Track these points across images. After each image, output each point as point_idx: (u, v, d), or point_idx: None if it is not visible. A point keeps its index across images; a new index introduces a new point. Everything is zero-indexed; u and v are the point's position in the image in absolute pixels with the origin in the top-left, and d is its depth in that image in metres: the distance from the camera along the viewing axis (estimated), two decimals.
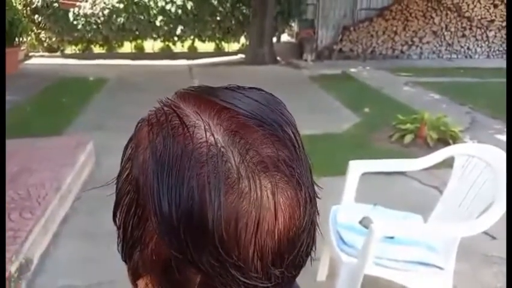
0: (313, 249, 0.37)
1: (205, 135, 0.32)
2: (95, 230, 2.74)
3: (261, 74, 8.44)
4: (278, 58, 10.44)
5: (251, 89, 0.38)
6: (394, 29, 10.74)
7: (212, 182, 0.31)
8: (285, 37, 12.56)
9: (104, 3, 10.83)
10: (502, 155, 1.72)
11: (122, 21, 11.02)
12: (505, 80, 8.00)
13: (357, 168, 2.07)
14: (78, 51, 11.47)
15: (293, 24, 11.91)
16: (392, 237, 1.74)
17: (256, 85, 0.39)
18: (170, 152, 0.32)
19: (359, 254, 1.64)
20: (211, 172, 0.31)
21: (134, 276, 0.37)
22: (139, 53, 11.62)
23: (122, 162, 0.38)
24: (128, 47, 11.84)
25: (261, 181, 0.32)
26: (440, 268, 1.67)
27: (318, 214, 0.37)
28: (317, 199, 0.37)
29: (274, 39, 11.07)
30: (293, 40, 11.97)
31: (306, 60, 10.06)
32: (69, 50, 11.53)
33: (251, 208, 0.32)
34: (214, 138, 0.33)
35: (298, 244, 0.35)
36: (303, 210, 0.34)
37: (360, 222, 1.82)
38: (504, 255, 2.55)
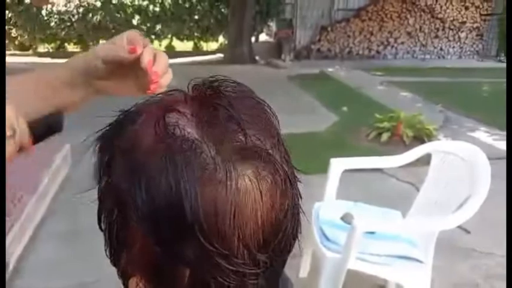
0: (299, 231, 0.38)
1: (177, 131, 0.33)
2: (74, 231, 2.69)
3: (240, 73, 8.43)
4: (257, 58, 10.47)
5: (233, 83, 0.38)
6: (370, 29, 10.94)
7: (187, 174, 0.31)
8: (263, 37, 12.61)
9: (79, 0, 10.60)
10: (477, 151, 1.79)
11: (97, 19, 10.81)
12: (476, 79, 8.28)
13: (338, 166, 2.11)
14: (51, 50, 11.19)
15: (271, 24, 11.97)
16: (373, 233, 1.78)
17: None
18: (145, 150, 0.33)
19: (342, 249, 1.67)
20: (185, 166, 0.32)
21: (124, 277, 0.37)
22: None
23: (98, 168, 0.38)
24: None
25: (238, 169, 0.32)
26: (420, 261, 1.72)
27: (301, 197, 0.38)
28: (299, 183, 0.38)
29: (253, 39, 11.10)
30: (271, 40, 12.02)
31: (284, 59, 10.12)
32: (42, 48, 11.23)
33: (230, 196, 0.32)
34: (186, 132, 0.33)
35: (282, 227, 0.35)
36: (283, 194, 0.35)
37: (342, 218, 1.86)
38: (479, 248, 2.65)
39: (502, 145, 4.61)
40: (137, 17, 11.05)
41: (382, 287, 2.23)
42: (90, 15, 10.77)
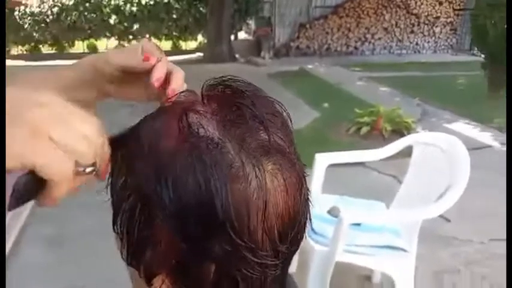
0: (309, 223, 0.40)
1: (201, 131, 0.34)
2: (58, 235, 2.66)
3: (221, 72, 8.25)
4: (236, 56, 10.46)
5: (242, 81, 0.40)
6: (348, 26, 11.08)
7: (216, 172, 0.33)
8: (242, 35, 12.61)
9: (53, 1, 10.36)
10: (456, 142, 1.85)
11: (72, 20, 10.60)
12: (451, 73, 8.49)
13: (322, 160, 2.15)
14: (25, 52, 10.91)
15: (250, 22, 11.98)
16: (359, 225, 1.83)
17: None
18: (169, 150, 0.34)
19: (330, 242, 1.71)
20: (213, 164, 0.33)
21: (149, 275, 0.37)
22: (93, 53, 11.21)
23: (114, 171, 0.39)
24: (79, 46, 11.41)
25: (263, 165, 0.34)
26: (405, 250, 1.78)
27: (309, 190, 0.40)
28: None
29: (232, 37, 11.09)
30: (250, 37, 12.03)
31: (264, 57, 10.15)
32: (15, 50, 10.94)
33: (257, 192, 0.34)
34: (209, 131, 0.34)
35: (298, 219, 0.37)
36: (299, 188, 0.37)
37: (329, 212, 1.90)
38: (459, 236, 2.74)
39: (478, 136, 4.77)
40: (114, 16, 10.87)
41: (368, 277, 2.29)
42: (65, 15, 10.54)
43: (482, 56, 6.45)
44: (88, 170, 0.34)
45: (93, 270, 2.32)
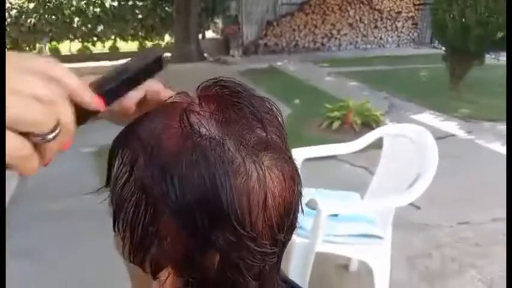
0: (302, 213, 0.43)
1: (203, 130, 0.36)
2: (33, 245, 2.59)
3: (190, 71, 8.37)
4: (205, 55, 10.41)
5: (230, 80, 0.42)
6: (314, 22, 11.25)
7: (220, 168, 0.35)
8: (209, 34, 12.55)
9: (10, 3, 9.96)
10: (425, 132, 1.95)
11: (32, 22, 10.22)
12: (414, 66, 8.77)
13: (298, 155, 2.20)
14: None
15: (217, 21, 11.93)
16: (336, 215, 1.89)
17: (187, 83, 0.43)
18: (173, 149, 0.36)
19: (310, 233, 1.76)
20: (217, 160, 0.35)
21: (155, 269, 0.39)
22: (55, 56, 10.87)
23: (114, 172, 0.40)
24: (40, 49, 11.02)
25: (262, 160, 0.37)
26: (380, 238, 1.86)
27: (301, 184, 0.43)
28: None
29: (200, 36, 11.02)
30: (218, 36, 11.99)
31: (233, 56, 10.16)
32: None
33: (257, 185, 0.36)
34: (211, 130, 0.37)
35: (293, 210, 0.40)
36: (294, 180, 0.40)
37: (307, 204, 1.95)
38: (429, 221, 2.87)
39: (443, 126, 4.98)
40: (76, 18, 10.57)
41: (345, 266, 2.37)
42: (24, 18, 10.16)
43: (443, 48, 6.71)
44: (50, 137, 0.30)
45: (65, 282, 2.28)
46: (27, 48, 10.84)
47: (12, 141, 0.28)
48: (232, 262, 0.37)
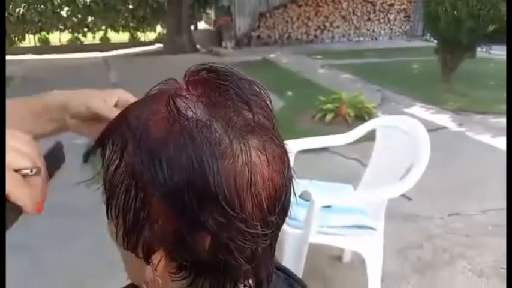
0: (295, 195, 0.43)
1: (189, 113, 0.37)
2: (26, 240, 2.56)
3: (183, 63, 8.24)
4: (198, 46, 10.34)
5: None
6: (307, 14, 11.21)
7: (207, 150, 0.35)
8: (202, 25, 12.45)
9: None
10: (417, 123, 1.96)
11: (21, 12, 10.06)
12: (406, 58, 8.80)
13: (292, 147, 2.19)
14: None
15: (209, 12, 11.83)
16: (329, 206, 1.90)
17: (180, 74, 0.42)
18: (160, 134, 0.36)
19: (303, 224, 1.77)
20: (204, 142, 0.35)
21: (147, 253, 0.39)
22: (45, 46, 10.73)
23: (106, 159, 0.41)
24: (30, 40, 10.86)
25: (249, 142, 0.37)
26: (373, 229, 1.87)
27: (291, 166, 0.43)
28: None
29: (192, 27, 10.93)
30: (211, 28, 11.91)
31: (226, 47, 10.10)
32: None
33: (245, 166, 0.36)
34: (198, 113, 0.37)
35: (284, 191, 0.41)
36: (284, 163, 0.40)
37: (300, 196, 1.96)
38: (420, 213, 2.90)
39: (435, 118, 5.02)
40: (66, 8, 10.41)
41: (338, 257, 2.39)
42: (11, 7, 9.98)
43: (435, 41, 6.74)
44: (32, 171, 0.41)
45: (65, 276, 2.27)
46: (16, 38, 10.68)
47: (7, 173, 0.39)
48: (223, 243, 0.37)
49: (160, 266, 0.39)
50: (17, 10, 10.14)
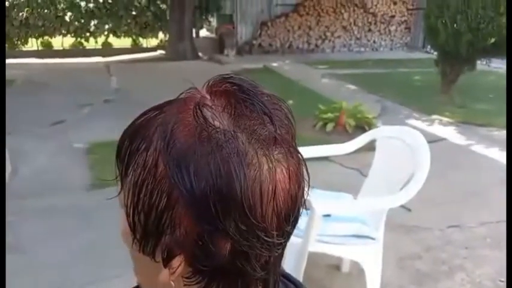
0: (305, 207, 0.44)
1: (216, 123, 0.38)
2: (20, 241, 2.56)
3: (185, 69, 8.35)
4: (199, 54, 10.39)
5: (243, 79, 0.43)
6: (309, 24, 11.29)
7: (234, 159, 0.36)
8: (203, 32, 12.52)
9: None
10: (418, 135, 1.97)
11: (24, 16, 10.11)
12: (406, 70, 8.85)
13: None
14: None
15: (211, 20, 11.91)
16: (329, 215, 1.90)
17: (182, 81, 0.44)
18: (188, 141, 0.37)
19: (304, 233, 1.77)
20: (231, 151, 0.36)
21: (167, 258, 0.39)
22: (47, 51, 10.76)
23: (122, 164, 0.41)
24: (33, 44, 10.90)
25: (272, 154, 0.39)
26: (372, 238, 1.88)
27: (307, 179, 0.44)
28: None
29: (194, 35, 10.99)
30: (213, 35, 11.98)
31: (227, 55, 10.14)
32: None
33: (268, 177, 0.38)
34: (224, 123, 0.38)
35: (299, 202, 0.42)
36: (301, 174, 0.42)
37: None
38: (420, 224, 2.90)
39: (434, 130, 5.04)
40: (69, 13, 10.47)
41: (337, 266, 2.38)
42: (15, 11, 10.04)
43: (435, 53, 6.78)
44: None
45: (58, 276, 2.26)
46: (19, 43, 10.72)
47: None
48: (243, 251, 0.38)
49: (177, 271, 0.40)
50: (21, 14, 10.19)
